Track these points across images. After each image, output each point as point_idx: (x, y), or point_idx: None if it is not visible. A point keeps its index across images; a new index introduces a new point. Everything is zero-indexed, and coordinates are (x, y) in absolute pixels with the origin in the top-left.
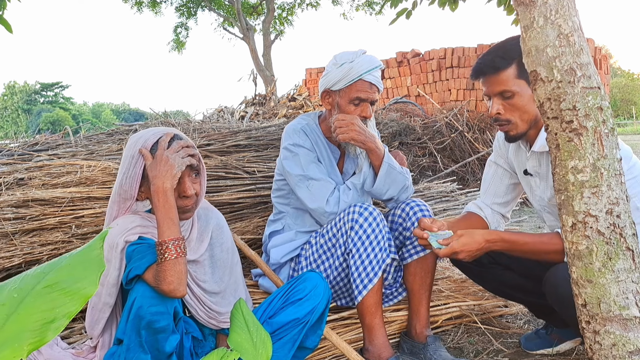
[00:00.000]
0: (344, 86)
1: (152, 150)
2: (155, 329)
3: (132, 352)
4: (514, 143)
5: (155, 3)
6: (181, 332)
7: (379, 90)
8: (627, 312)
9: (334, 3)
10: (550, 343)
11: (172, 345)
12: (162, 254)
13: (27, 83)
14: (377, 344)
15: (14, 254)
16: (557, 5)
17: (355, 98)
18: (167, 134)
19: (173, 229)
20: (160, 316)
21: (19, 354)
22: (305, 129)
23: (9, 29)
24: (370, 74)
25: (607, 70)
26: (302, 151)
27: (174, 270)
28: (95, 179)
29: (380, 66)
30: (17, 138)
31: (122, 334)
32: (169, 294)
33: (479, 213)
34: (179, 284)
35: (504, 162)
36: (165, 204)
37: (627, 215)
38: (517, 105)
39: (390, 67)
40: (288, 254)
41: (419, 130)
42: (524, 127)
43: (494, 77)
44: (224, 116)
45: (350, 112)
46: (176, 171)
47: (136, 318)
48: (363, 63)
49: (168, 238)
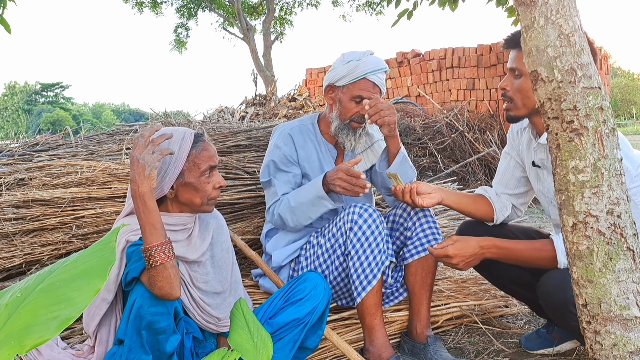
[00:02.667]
0: (348, 83)
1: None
2: (156, 330)
3: (134, 352)
4: (526, 135)
5: (155, 3)
6: (182, 332)
7: (382, 92)
8: (628, 312)
9: (334, 4)
10: (551, 343)
11: (173, 345)
12: (148, 261)
13: (27, 83)
14: (378, 344)
15: (15, 254)
16: (557, 5)
17: (357, 96)
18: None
19: (155, 234)
20: (161, 316)
21: (18, 350)
22: (294, 131)
23: (8, 29)
24: (375, 75)
25: (607, 70)
26: (278, 155)
27: (162, 275)
28: (95, 180)
29: (386, 69)
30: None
31: (123, 335)
32: (162, 298)
33: (485, 194)
34: (171, 288)
35: (516, 154)
36: (145, 208)
37: (628, 216)
38: (521, 87)
39: (391, 67)
40: (289, 255)
41: (419, 131)
42: (524, 112)
43: (514, 52)
44: (224, 116)
45: (350, 109)
46: (148, 171)
47: (137, 318)
48: (369, 63)
49: (151, 245)
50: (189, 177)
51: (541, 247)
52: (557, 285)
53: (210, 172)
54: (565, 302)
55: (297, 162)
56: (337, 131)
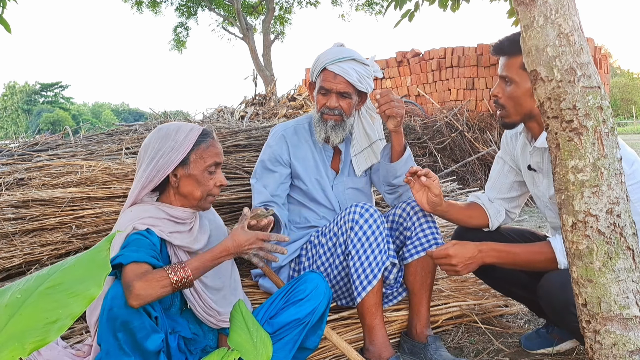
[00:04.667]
0: (316, 77)
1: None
2: (131, 329)
3: (112, 356)
4: (521, 139)
5: (155, 3)
6: (165, 331)
7: (351, 82)
8: (628, 311)
9: (333, 4)
10: (551, 342)
11: (156, 343)
12: (173, 270)
13: (27, 83)
14: (378, 344)
15: (14, 254)
16: (557, 4)
17: (320, 87)
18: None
19: (197, 273)
20: (132, 315)
21: (20, 352)
22: (288, 131)
23: (8, 28)
24: (335, 65)
25: (607, 69)
26: (267, 153)
27: (157, 285)
28: (95, 179)
29: (350, 57)
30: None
31: (100, 339)
32: (127, 296)
33: (477, 202)
34: (138, 299)
35: (509, 159)
36: (218, 260)
37: (628, 215)
38: (512, 94)
39: (390, 67)
40: (290, 255)
41: (419, 130)
42: (517, 118)
43: (503, 59)
44: (224, 116)
45: (319, 101)
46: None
47: (110, 320)
48: (328, 53)
49: (191, 271)
50: (194, 169)
51: (539, 250)
52: (558, 286)
53: (215, 169)
54: (566, 303)
55: (286, 163)
56: (315, 125)
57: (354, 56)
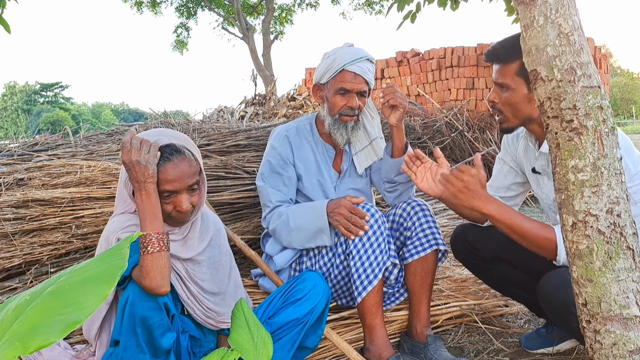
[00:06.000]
0: (330, 78)
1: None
2: (150, 325)
3: (129, 351)
4: (522, 141)
5: (155, 3)
6: (177, 330)
7: (368, 82)
8: (628, 311)
9: (333, 2)
10: (551, 342)
11: (169, 342)
12: (145, 247)
13: (27, 83)
14: (378, 344)
15: (14, 254)
16: (557, 4)
17: (339, 88)
18: (155, 145)
19: (156, 223)
20: (153, 311)
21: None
22: (291, 132)
23: (8, 29)
24: (354, 65)
25: (607, 69)
26: (273, 155)
27: (156, 264)
28: (95, 179)
29: (366, 57)
30: (17, 138)
31: (117, 335)
32: (151, 291)
33: None
34: (162, 279)
35: (510, 160)
36: (148, 201)
37: (628, 215)
38: (509, 100)
39: (390, 66)
40: (292, 258)
41: (418, 130)
42: (515, 122)
43: (497, 66)
44: (224, 116)
45: (336, 103)
46: (152, 170)
47: (130, 315)
48: (346, 54)
49: (150, 232)
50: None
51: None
52: (558, 286)
53: (170, 195)
54: (566, 303)
55: (292, 163)
56: (330, 128)
57: (368, 56)
